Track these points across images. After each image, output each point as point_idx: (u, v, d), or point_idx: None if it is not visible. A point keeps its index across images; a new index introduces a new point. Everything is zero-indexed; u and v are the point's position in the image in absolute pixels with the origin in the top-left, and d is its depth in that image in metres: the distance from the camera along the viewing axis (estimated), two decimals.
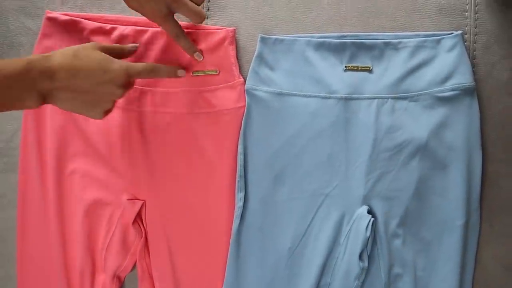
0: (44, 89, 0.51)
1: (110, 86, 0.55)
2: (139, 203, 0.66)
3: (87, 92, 0.53)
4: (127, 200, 0.66)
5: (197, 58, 0.63)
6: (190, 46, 0.63)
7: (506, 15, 0.62)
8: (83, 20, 0.66)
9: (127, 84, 0.57)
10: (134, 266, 0.68)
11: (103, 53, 0.55)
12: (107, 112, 0.58)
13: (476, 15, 0.62)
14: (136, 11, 0.58)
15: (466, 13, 0.63)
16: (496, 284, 0.62)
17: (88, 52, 0.54)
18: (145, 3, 0.56)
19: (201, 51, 0.64)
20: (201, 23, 0.62)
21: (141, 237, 0.66)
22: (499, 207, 0.62)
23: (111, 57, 0.56)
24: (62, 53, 0.53)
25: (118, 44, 0.62)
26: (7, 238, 0.70)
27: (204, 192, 0.65)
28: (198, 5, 0.59)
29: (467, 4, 0.63)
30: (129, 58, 0.63)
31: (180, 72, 0.63)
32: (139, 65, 0.58)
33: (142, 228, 0.66)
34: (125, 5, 0.56)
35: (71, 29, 0.66)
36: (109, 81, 0.54)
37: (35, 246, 0.69)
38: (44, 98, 0.51)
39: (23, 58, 0.49)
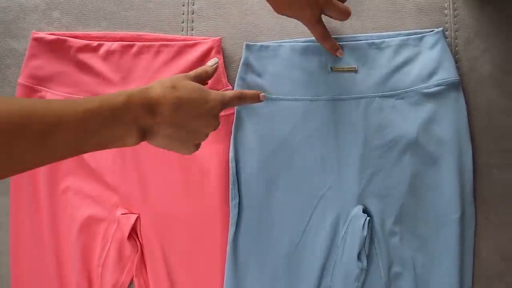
0: (145, 124, 0.46)
1: (209, 117, 0.51)
2: (134, 216, 0.65)
3: (185, 126, 0.49)
4: (121, 214, 0.65)
5: (339, 55, 0.62)
6: (334, 45, 0.61)
7: (484, 11, 0.63)
8: (69, 38, 0.67)
9: (218, 115, 0.53)
10: (131, 282, 0.67)
11: (197, 83, 0.51)
12: (198, 146, 0.53)
13: (455, 12, 0.64)
14: (288, 16, 0.57)
15: (446, 11, 0.64)
16: (495, 275, 0.62)
17: (184, 83, 0.49)
18: (300, 10, 0.55)
19: (342, 48, 0.63)
20: (347, 19, 0.59)
21: (137, 251, 0.65)
22: (493, 198, 0.62)
23: (204, 86, 0.52)
24: (161, 85, 0.48)
25: (200, 68, 0.56)
26: (1, 261, 0.69)
27: (198, 202, 0.65)
28: (343, 2, 0.58)
29: (445, 2, 0.64)
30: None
31: (262, 96, 0.59)
32: (229, 93, 0.54)
33: (138, 242, 0.66)
34: (111, 21, 0.57)
35: (58, 48, 0.67)
36: (208, 112, 0.50)
37: (29, 268, 0.68)
38: (144, 134, 0.46)
39: (121, 92, 0.45)
